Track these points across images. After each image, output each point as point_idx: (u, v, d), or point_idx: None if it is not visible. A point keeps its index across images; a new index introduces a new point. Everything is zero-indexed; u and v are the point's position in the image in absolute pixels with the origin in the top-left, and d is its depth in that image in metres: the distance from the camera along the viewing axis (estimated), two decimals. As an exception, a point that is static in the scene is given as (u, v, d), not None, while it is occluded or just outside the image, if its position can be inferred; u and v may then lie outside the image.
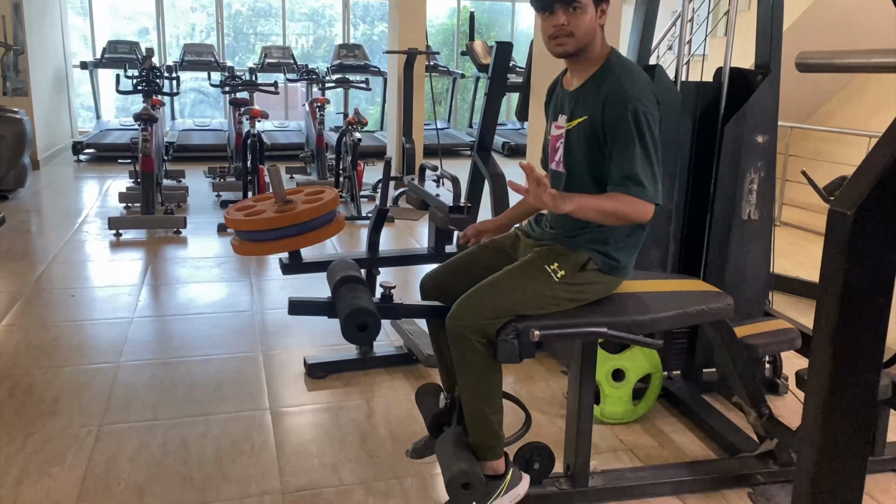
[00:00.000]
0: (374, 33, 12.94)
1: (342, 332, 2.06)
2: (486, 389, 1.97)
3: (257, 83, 7.09)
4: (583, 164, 1.99)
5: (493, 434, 1.99)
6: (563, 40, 1.93)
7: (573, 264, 1.97)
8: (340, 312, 2.06)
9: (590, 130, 1.94)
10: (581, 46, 1.94)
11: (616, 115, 1.88)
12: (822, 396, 1.17)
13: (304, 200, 2.37)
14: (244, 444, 2.55)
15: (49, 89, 8.39)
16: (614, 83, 1.90)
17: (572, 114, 2.00)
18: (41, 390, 2.89)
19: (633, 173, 1.86)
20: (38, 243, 5.14)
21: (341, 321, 2.04)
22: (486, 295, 1.94)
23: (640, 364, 2.71)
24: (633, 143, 1.86)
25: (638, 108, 1.86)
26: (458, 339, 1.92)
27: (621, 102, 1.87)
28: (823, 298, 1.16)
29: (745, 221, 2.76)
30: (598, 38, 1.96)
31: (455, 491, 1.93)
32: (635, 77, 1.94)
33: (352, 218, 5.81)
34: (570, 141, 2.01)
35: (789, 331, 2.55)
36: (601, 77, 1.95)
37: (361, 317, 2.02)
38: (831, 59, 1.51)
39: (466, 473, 1.93)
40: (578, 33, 1.91)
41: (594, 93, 1.94)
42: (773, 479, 2.34)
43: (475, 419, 1.99)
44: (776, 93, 2.72)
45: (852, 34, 5.86)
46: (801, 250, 5.37)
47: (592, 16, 1.92)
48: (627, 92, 1.87)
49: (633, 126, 1.86)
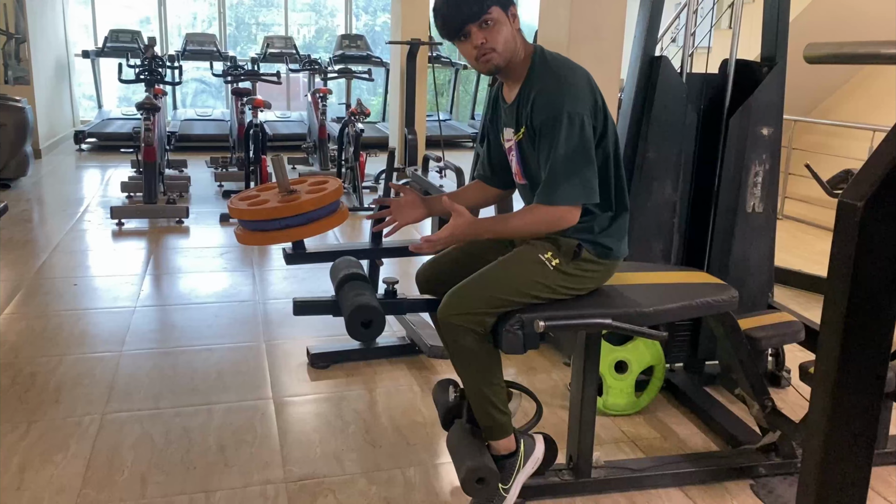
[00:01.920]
0: (377, 24, 12.90)
1: (347, 329, 2.06)
2: (484, 373, 1.98)
3: (260, 73, 7.06)
4: (540, 171, 1.97)
5: (499, 414, 2.01)
6: (488, 56, 1.92)
7: (566, 252, 1.98)
8: (344, 310, 2.06)
9: (531, 137, 1.95)
10: (507, 55, 1.93)
11: (541, 119, 1.89)
12: (830, 388, 1.16)
13: (308, 190, 2.36)
14: (247, 433, 2.55)
15: (51, 78, 8.36)
16: (540, 87, 1.91)
17: (517, 124, 2.01)
18: (44, 379, 2.89)
19: (551, 178, 1.87)
20: (40, 232, 5.14)
21: (346, 319, 2.04)
22: (481, 285, 1.95)
23: (643, 356, 2.71)
24: (554, 145, 1.86)
25: (562, 110, 1.85)
26: (450, 329, 1.93)
27: (545, 107, 1.88)
28: (832, 290, 1.16)
29: (750, 214, 2.75)
30: (519, 44, 1.95)
31: (471, 488, 1.96)
32: (558, 75, 1.92)
33: (354, 209, 5.81)
34: (521, 151, 2.02)
35: (793, 323, 2.54)
36: (529, 83, 1.96)
37: (366, 314, 2.02)
38: (840, 51, 1.49)
39: (477, 469, 1.95)
40: (499, 47, 1.91)
41: (526, 100, 1.95)
42: (775, 471, 2.34)
43: (480, 404, 2.00)
44: (782, 85, 2.71)
45: (858, 26, 5.84)
46: (804, 244, 5.36)
47: (507, 24, 1.91)
48: (551, 94, 1.88)
49: (555, 129, 1.86)
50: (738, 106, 2.69)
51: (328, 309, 2.20)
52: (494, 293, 1.93)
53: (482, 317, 1.92)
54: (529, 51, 1.98)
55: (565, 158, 1.86)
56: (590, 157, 1.89)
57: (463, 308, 1.91)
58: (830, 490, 1.20)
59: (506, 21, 1.90)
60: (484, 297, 1.92)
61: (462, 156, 8.51)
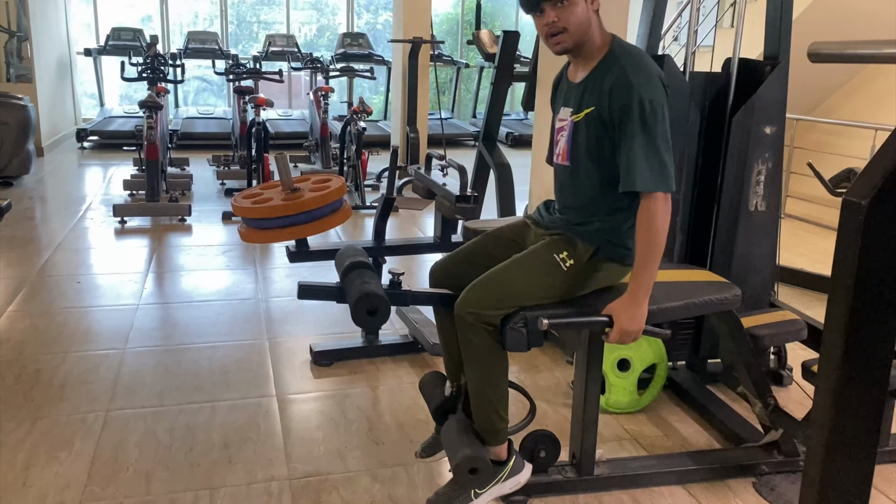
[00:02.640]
0: (378, 22, 12.90)
1: (352, 316, 2.06)
2: (492, 375, 1.98)
3: (262, 71, 7.07)
4: (588, 156, 1.98)
5: (497, 419, 2.00)
6: (558, 38, 1.92)
7: (582, 254, 1.97)
8: (350, 297, 2.07)
9: (598, 121, 1.93)
10: (578, 40, 1.92)
11: (622, 105, 1.86)
12: (833, 386, 1.17)
13: (312, 189, 2.37)
14: (250, 430, 2.56)
15: (53, 76, 8.37)
16: (619, 73, 1.89)
17: (579, 105, 1.99)
18: (48, 376, 2.90)
19: (635, 166, 1.85)
20: (43, 230, 5.15)
21: (351, 305, 2.05)
22: (493, 283, 1.95)
23: (646, 354, 2.72)
24: (638, 133, 1.85)
25: (644, 97, 1.84)
26: (466, 326, 1.92)
27: (627, 92, 1.85)
28: (836, 288, 1.16)
29: (752, 212, 2.76)
30: (595, 27, 1.94)
31: (462, 476, 1.94)
32: (640, 64, 1.91)
33: (356, 207, 5.81)
34: (576, 133, 2.00)
35: (796, 322, 2.55)
36: (605, 67, 1.93)
37: (371, 301, 2.03)
38: (844, 50, 1.50)
39: (473, 458, 1.94)
40: (571, 27, 1.89)
41: (600, 83, 1.92)
42: (777, 469, 2.35)
43: (480, 404, 2.00)
44: (785, 84, 2.71)
45: (860, 25, 5.84)
46: (805, 242, 5.37)
47: (583, 6, 1.89)
48: (633, 81, 1.86)
49: (637, 116, 1.84)
50: (741, 104, 2.69)
51: (333, 295, 2.20)
52: (506, 292, 1.93)
53: (493, 316, 1.92)
54: (607, 38, 1.96)
55: (647, 145, 1.84)
56: (668, 144, 1.88)
57: (476, 305, 1.91)
58: (834, 487, 1.21)
59: (583, 2, 1.89)
60: (496, 295, 1.92)
61: (464, 154, 8.51)
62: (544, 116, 3.71)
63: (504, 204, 4.32)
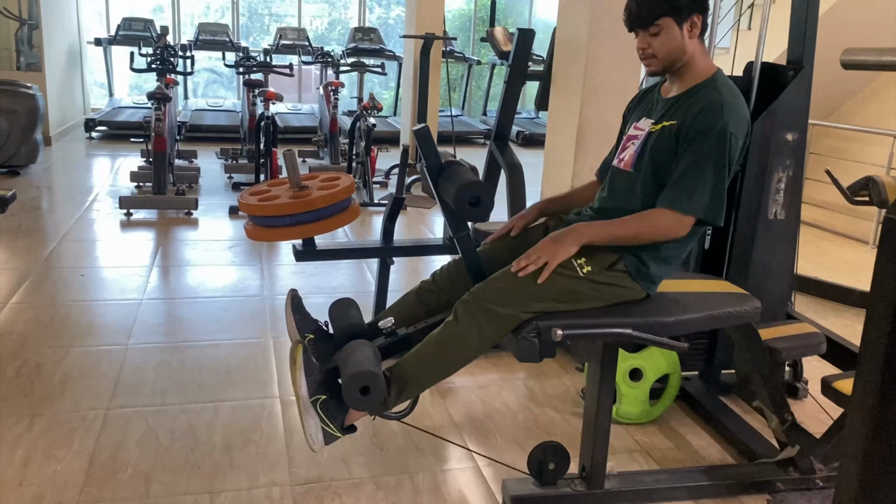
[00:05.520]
0: (390, 17, 12.84)
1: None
2: (454, 361, 1.95)
3: (272, 65, 7.01)
4: (653, 166, 1.98)
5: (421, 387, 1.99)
6: (648, 61, 1.99)
7: (601, 262, 1.92)
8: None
9: (675, 135, 1.93)
10: (668, 64, 1.97)
11: (706, 126, 1.87)
12: (869, 414, 1.10)
13: (320, 187, 2.31)
14: (253, 432, 2.51)
15: (63, 65, 8.34)
16: (715, 97, 1.90)
17: (661, 118, 2.00)
18: (49, 371, 2.86)
19: (686, 184, 1.86)
20: (49, 220, 5.11)
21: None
22: (507, 280, 1.91)
23: (658, 364, 2.66)
24: (703, 156, 1.86)
25: (727, 128, 1.86)
26: (467, 311, 1.90)
27: (715, 116, 1.86)
28: (874, 309, 1.10)
29: (771, 221, 2.69)
30: (693, 53, 1.96)
31: (353, 391, 1.82)
32: (738, 100, 1.94)
33: (364, 204, 5.76)
34: (648, 143, 2.00)
35: (815, 335, 2.48)
36: (703, 90, 1.95)
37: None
38: (880, 57, 1.43)
39: (375, 377, 1.82)
40: (661, 54, 1.95)
41: (690, 102, 1.94)
42: (793, 486, 2.28)
43: (422, 371, 1.95)
44: (808, 89, 2.64)
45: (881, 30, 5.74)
46: (820, 250, 5.28)
47: (676, 34, 1.92)
48: (725, 110, 1.87)
49: (714, 142, 1.85)
50: (763, 110, 2.62)
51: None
52: (519, 290, 1.88)
53: (501, 314, 1.88)
54: (712, 68, 2.00)
55: (707, 169, 1.86)
56: (725, 177, 1.89)
57: (486, 299, 1.88)
58: (866, 519, 1.14)
59: (675, 31, 1.92)
60: (508, 292, 1.88)
61: (474, 152, 8.45)
62: (559, 117, 3.65)
63: (515, 205, 4.25)
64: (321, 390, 1.91)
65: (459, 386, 2.91)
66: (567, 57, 3.52)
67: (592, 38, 3.29)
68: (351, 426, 1.98)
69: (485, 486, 2.28)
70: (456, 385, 2.91)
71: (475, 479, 2.32)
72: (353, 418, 1.98)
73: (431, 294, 2.18)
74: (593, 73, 3.31)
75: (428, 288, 2.21)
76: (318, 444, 1.92)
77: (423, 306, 2.17)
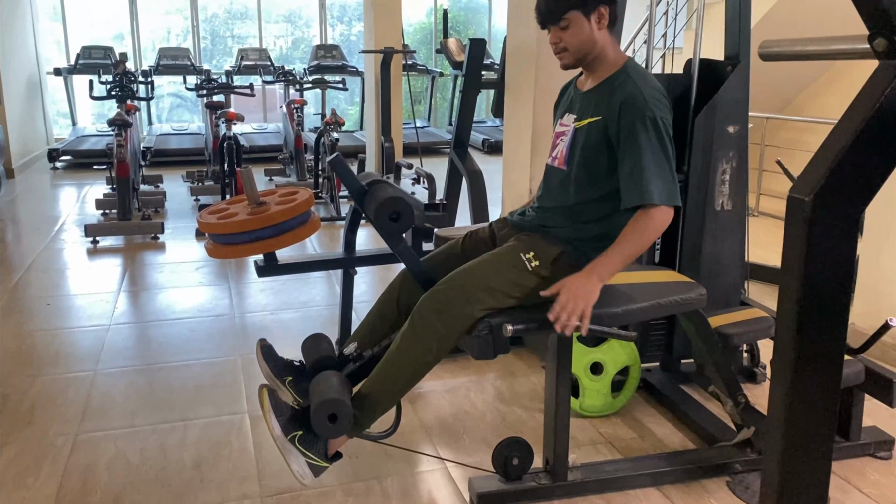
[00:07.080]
0: (352, 33, 12.90)
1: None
2: (421, 369, 1.97)
3: (233, 85, 7.04)
4: (584, 163, 2.03)
5: (392, 401, 2.02)
6: (560, 55, 2.06)
7: (546, 256, 1.98)
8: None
9: (602, 131, 1.98)
10: (580, 57, 2.04)
11: (632, 121, 1.92)
12: (787, 383, 1.17)
13: (278, 202, 2.35)
14: (223, 448, 2.53)
15: (22, 96, 8.28)
16: (631, 88, 1.96)
17: (582, 113, 2.06)
18: (16, 400, 2.85)
19: (643, 179, 1.90)
20: (14, 251, 5.08)
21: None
22: (461, 278, 1.96)
23: (619, 356, 2.72)
24: (647, 147, 1.91)
25: (655, 115, 1.92)
26: (424, 316, 1.92)
27: (638, 109, 1.92)
28: (785, 285, 1.17)
29: (719, 211, 2.77)
30: (602, 45, 2.03)
31: (321, 421, 1.85)
32: (650, 84, 2.00)
33: (332, 218, 5.79)
34: (577, 139, 2.05)
35: (764, 319, 2.56)
36: (616, 81, 2.01)
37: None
38: (792, 48, 1.52)
39: (340, 404, 1.86)
40: (572, 48, 2.02)
41: (609, 96, 1.99)
42: (750, 466, 2.36)
43: (389, 385, 1.98)
44: (746, 83, 2.74)
45: (824, 26, 5.91)
46: (778, 239, 5.37)
47: (585, 27, 1.99)
48: (646, 98, 1.93)
49: (650, 131, 1.91)
50: (704, 105, 2.71)
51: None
52: (474, 285, 1.93)
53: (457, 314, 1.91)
54: (622, 58, 2.06)
55: (657, 159, 1.91)
56: (673, 162, 1.95)
57: (443, 301, 1.92)
58: (792, 483, 1.21)
59: (584, 25, 1.98)
60: (463, 289, 1.93)
61: (440, 162, 8.48)
62: (514, 123, 3.73)
63: (477, 211, 4.32)
64: (295, 426, 1.93)
65: (428, 391, 2.96)
66: (518, 63, 3.60)
67: (541, 43, 3.37)
68: (336, 454, 1.99)
69: (453, 486, 2.32)
70: (425, 390, 2.96)
71: (444, 480, 2.36)
72: (335, 446, 1.99)
73: (388, 306, 2.21)
74: (544, 78, 3.39)
75: (384, 301, 2.24)
76: (308, 478, 1.92)
77: (386, 322, 2.19)
